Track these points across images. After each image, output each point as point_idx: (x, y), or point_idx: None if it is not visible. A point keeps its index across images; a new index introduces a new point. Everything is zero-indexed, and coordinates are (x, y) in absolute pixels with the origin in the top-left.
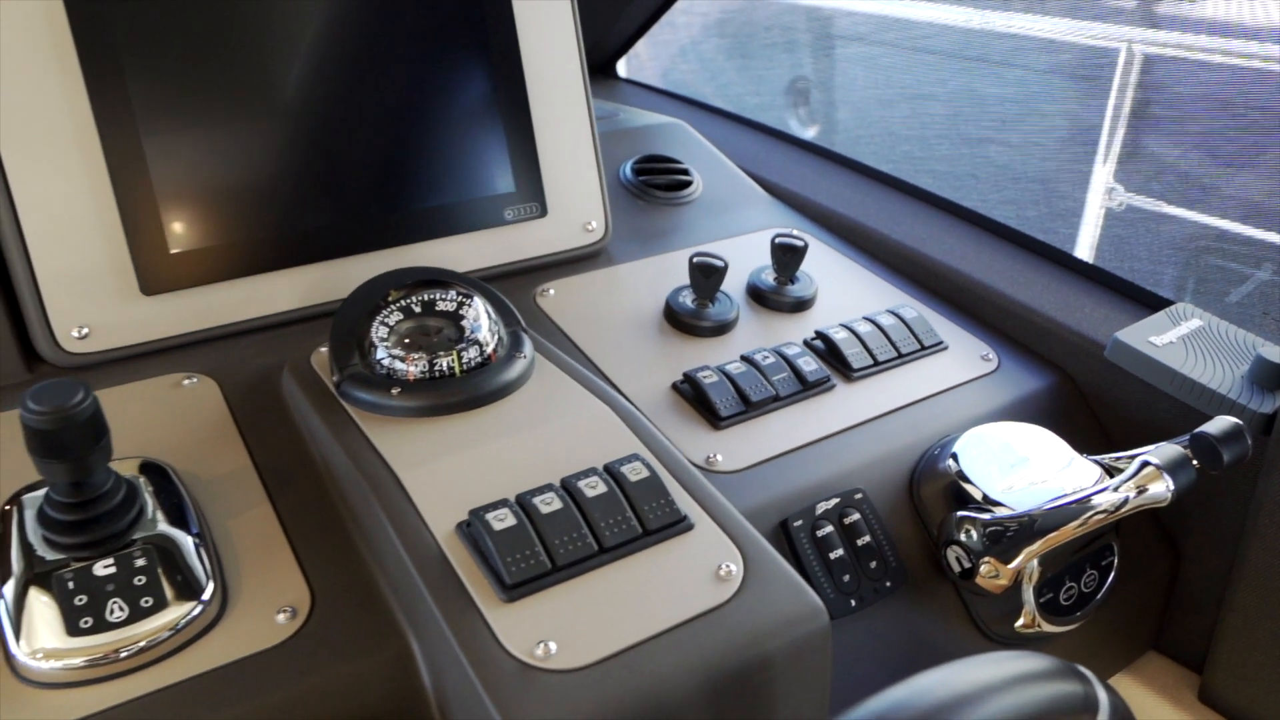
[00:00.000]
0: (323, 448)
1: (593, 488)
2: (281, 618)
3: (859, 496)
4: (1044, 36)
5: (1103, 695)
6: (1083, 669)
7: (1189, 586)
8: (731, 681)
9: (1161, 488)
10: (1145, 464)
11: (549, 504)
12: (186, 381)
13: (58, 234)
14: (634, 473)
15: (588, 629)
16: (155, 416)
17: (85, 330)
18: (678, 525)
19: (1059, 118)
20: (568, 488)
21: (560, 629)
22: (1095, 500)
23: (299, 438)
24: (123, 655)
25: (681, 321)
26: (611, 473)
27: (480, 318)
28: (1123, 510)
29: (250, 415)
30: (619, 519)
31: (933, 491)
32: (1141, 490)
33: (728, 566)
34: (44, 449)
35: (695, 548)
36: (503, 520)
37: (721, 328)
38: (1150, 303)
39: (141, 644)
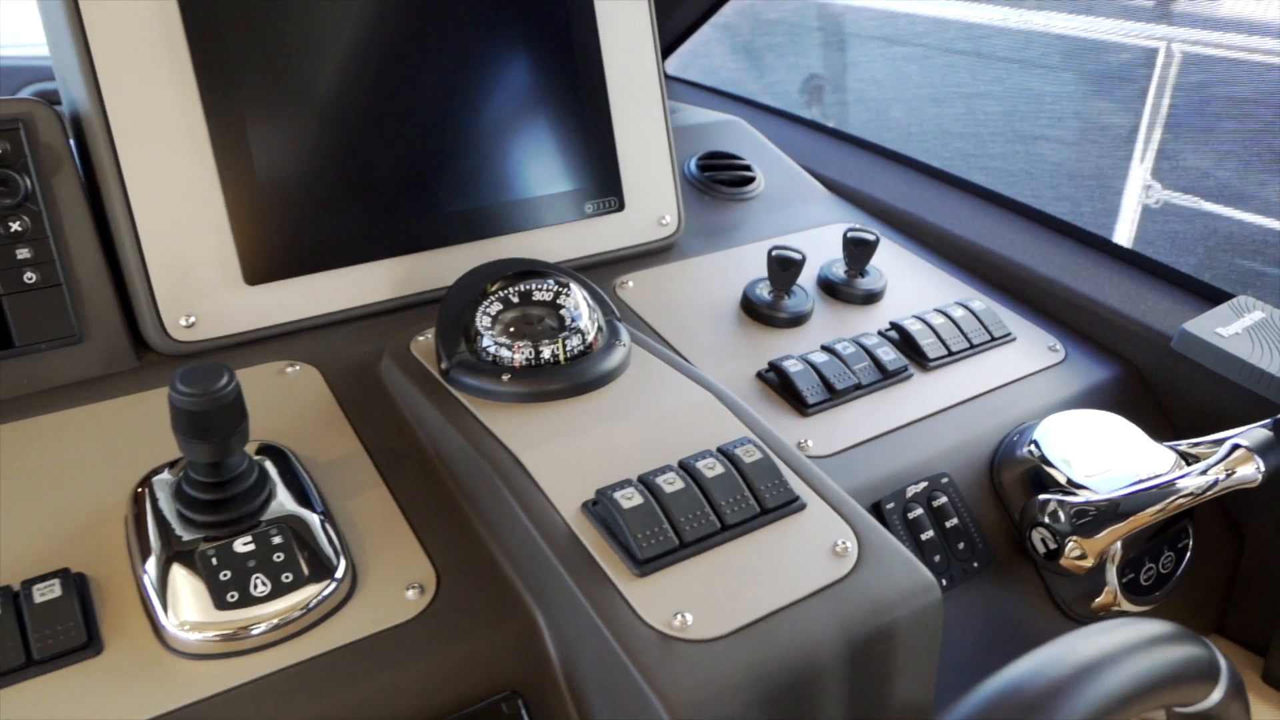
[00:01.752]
0: (432, 432)
1: (710, 468)
2: (411, 594)
3: (945, 480)
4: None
5: (1223, 662)
6: (1202, 637)
7: (1252, 571)
8: (856, 651)
9: (1251, 469)
10: (1236, 446)
11: (671, 484)
12: (289, 369)
13: (168, 227)
14: (747, 454)
15: (719, 602)
16: (264, 402)
17: (192, 319)
18: (792, 505)
19: (1111, 115)
20: (686, 468)
21: (693, 601)
22: (1182, 483)
23: (404, 422)
24: (267, 629)
25: (759, 312)
26: (726, 454)
27: (580, 306)
28: (1210, 492)
29: (354, 401)
30: (738, 498)
31: (1013, 477)
32: (1231, 472)
33: (843, 543)
34: (192, 429)
35: (810, 526)
36: (630, 499)
37: (797, 319)
38: (1209, 295)
39: (284, 618)
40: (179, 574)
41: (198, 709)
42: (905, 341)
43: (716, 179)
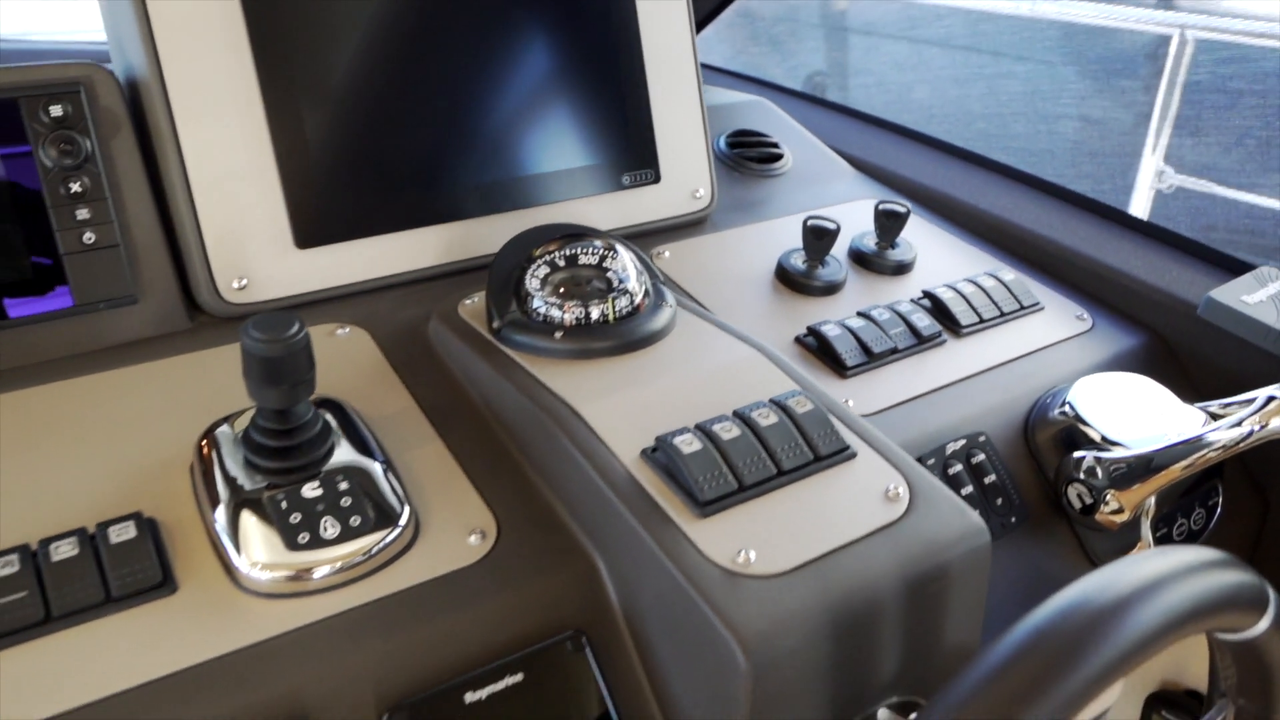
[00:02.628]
0: (485, 389)
1: (764, 417)
2: (473, 540)
3: (983, 439)
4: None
5: (1272, 594)
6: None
7: (1276, 533)
8: (911, 590)
9: None
10: (1271, 398)
11: (728, 431)
12: (339, 331)
13: (222, 191)
14: (799, 405)
15: (779, 541)
16: (318, 362)
17: (244, 281)
18: (843, 453)
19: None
20: (742, 417)
21: (754, 540)
22: (1215, 436)
23: (455, 381)
24: (336, 570)
25: (794, 281)
26: (779, 404)
27: (628, 268)
28: (1244, 444)
29: (404, 362)
30: (792, 445)
31: (1047, 437)
32: (1265, 424)
33: (895, 488)
34: (264, 375)
35: (862, 473)
36: (689, 445)
37: (831, 288)
38: (1231, 266)
39: (353, 560)
40: (250, 518)
41: (271, 645)
42: (938, 309)
43: (745, 156)
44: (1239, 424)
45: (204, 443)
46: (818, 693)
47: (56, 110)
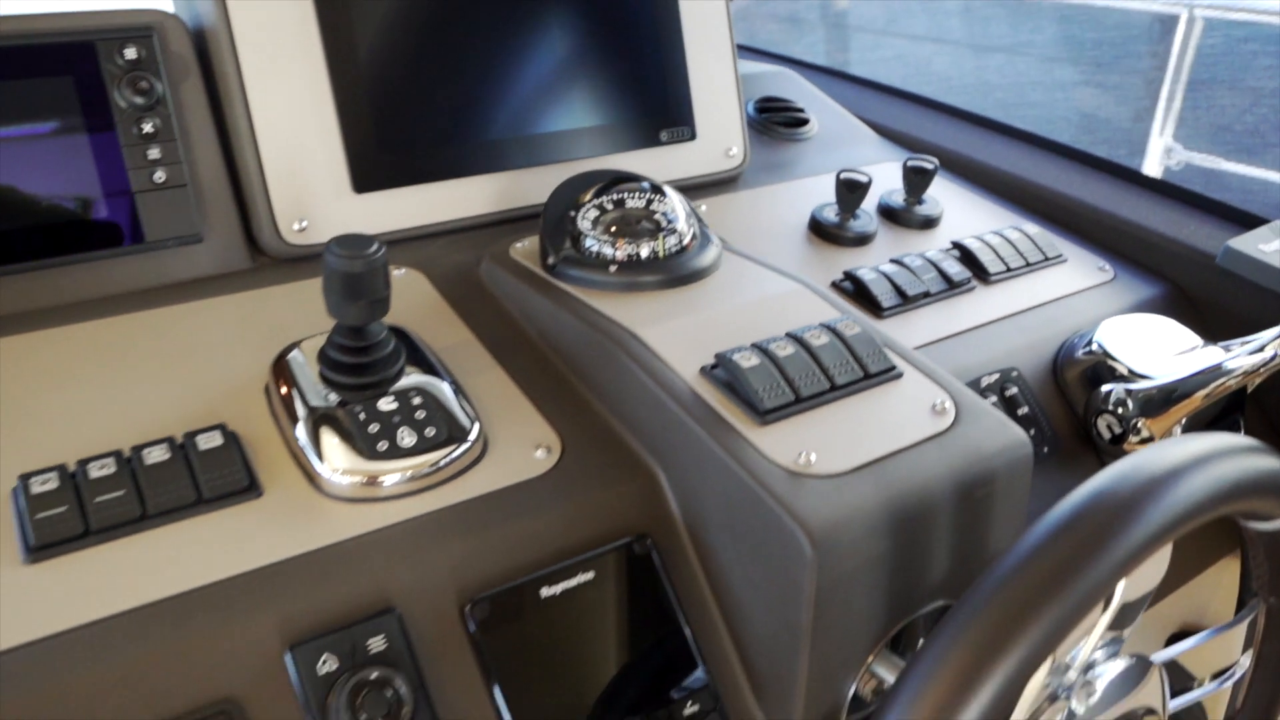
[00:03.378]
0: (541, 321)
1: (816, 338)
2: (540, 454)
3: (1015, 374)
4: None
5: None
6: None
7: None
8: (961, 493)
9: None
10: None
11: (784, 349)
12: (396, 272)
13: (284, 136)
14: (848, 328)
15: (837, 446)
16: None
17: (304, 224)
18: (891, 372)
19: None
20: (795, 337)
21: (814, 445)
22: (1235, 362)
23: (510, 316)
24: (413, 476)
25: (827, 232)
26: (829, 327)
27: (676, 209)
28: (1265, 369)
29: (459, 300)
30: (843, 363)
31: (1075, 374)
32: None
33: (942, 403)
34: (346, 290)
35: (909, 390)
36: (748, 360)
37: (863, 239)
38: (1245, 221)
39: (429, 468)
40: (329, 429)
41: (357, 542)
42: (966, 258)
43: (773, 121)
44: (1260, 349)
45: (278, 365)
46: (874, 589)
47: (131, 53)
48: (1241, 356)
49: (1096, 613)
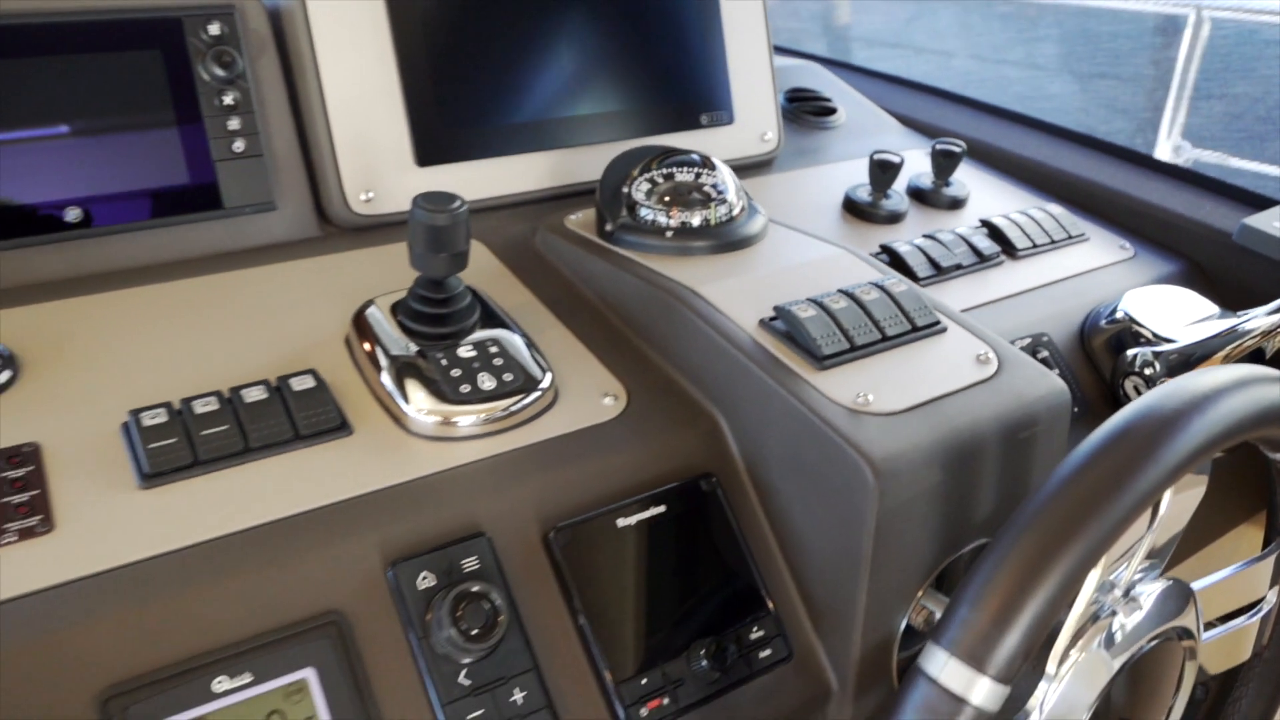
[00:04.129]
0: (599, 283)
1: (867, 294)
2: (607, 401)
3: (1045, 338)
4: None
5: None
6: None
7: None
8: (1007, 433)
9: None
10: None
11: (837, 302)
12: None
13: (353, 111)
14: (894, 286)
15: (891, 389)
16: None
17: (370, 195)
18: (936, 326)
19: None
20: (846, 293)
21: (871, 387)
22: (1255, 323)
23: (566, 280)
24: (495, 417)
25: (860, 210)
26: (878, 285)
27: (726, 181)
28: None
29: (518, 266)
30: (892, 316)
31: (1101, 341)
32: None
33: (986, 353)
34: (432, 243)
35: (953, 342)
36: (805, 311)
37: (895, 217)
38: (1258, 202)
39: (509, 409)
40: (413, 374)
41: (447, 475)
42: (994, 235)
43: (803, 110)
44: (1278, 310)
45: (358, 319)
46: (926, 522)
47: (214, 29)
48: (1260, 318)
49: (1143, 525)
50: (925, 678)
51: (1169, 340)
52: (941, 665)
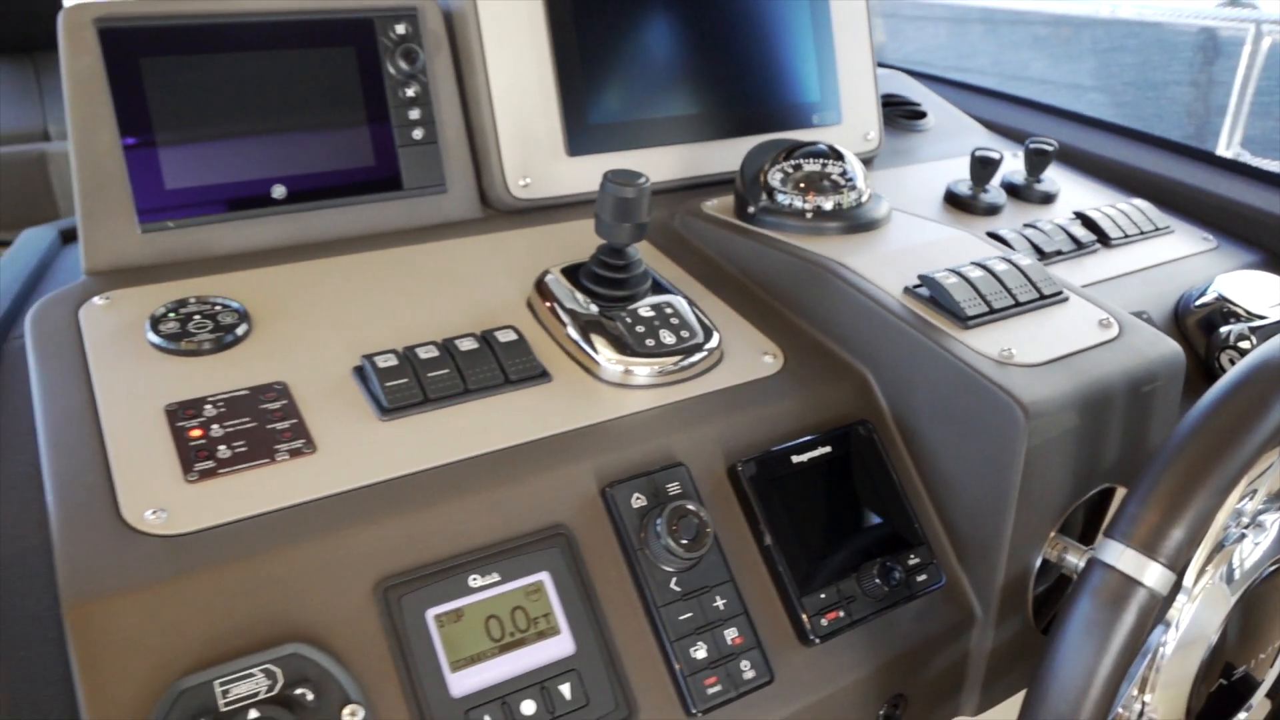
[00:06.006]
0: (743, 260)
1: (997, 265)
2: (767, 359)
3: (1146, 316)
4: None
5: None
6: None
7: None
8: (1131, 386)
9: None
10: None
11: (974, 272)
12: None
13: (515, 104)
14: (1020, 260)
15: (1029, 344)
16: (592, 245)
17: (528, 180)
18: (1059, 295)
19: None
20: (979, 264)
21: (1011, 343)
22: None
23: (709, 258)
24: (674, 369)
25: (961, 203)
26: (1006, 259)
27: (856, 169)
28: None
29: (664, 246)
30: (1022, 285)
31: (1195, 320)
32: None
33: (1107, 319)
34: (620, 213)
35: (1076, 309)
36: (948, 279)
37: (993, 209)
38: None
39: (684, 362)
40: (598, 329)
41: (637, 417)
42: (1088, 225)
43: (895, 113)
44: None
45: (540, 284)
46: (1064, 463)
47: (400, 29)
48: None
49: (1270, 458)
50: (1102, 565)
51: (1260, 317)
52: (1118, 554)
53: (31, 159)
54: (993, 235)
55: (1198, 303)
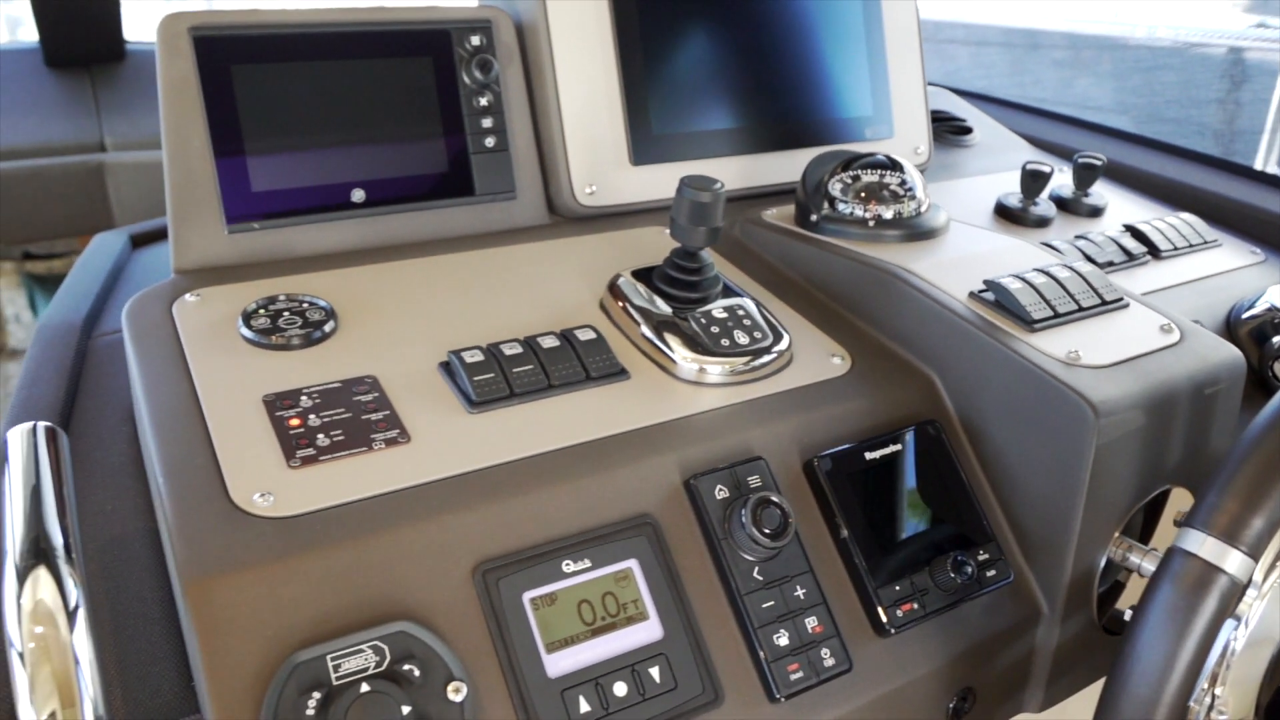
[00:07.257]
0: (807, 266)
1: (1060, 272)
2: (836, 360)
3: (1199, 324)
4: None
5: None
6: None
7: None
8: (1194, 389)
9: None
10: None
11: (1038, 278)
12: (665, 231)
13: (583, 115)
14: (1082, 267)
15: (1095, 347)
16: (656, 250)
17: (593, 188)
18: (1120, 302)
19: None
20: (1042, 270)
21: (1077, 346)
22: None
23: (771, 265)
24: (748, 368)
25: (1012, 215)
26: (1068, 266)
27: (914, 180)
28: None
29: (727, 253)
30: (1084, 291)
31: (1247, 331)
32: None
33: (1168, 324)
34: (695, 217)
35: (1138, 315)
36: (1013, 284)
37: (1043, 221)
38: None
39: (756, 362)
40: (672, 329)
41: (715, 413)
42: (1138, 238)
43: (942, 129)
44: None
45: (613, 286)
46: (1129, 463)
47: (475, 40)
48: None
49: None
50: (1183, 553)
51: None
52: (1200, 542)
53: (90, 169)
54: (1046, 246)
55: (1249, 313)
